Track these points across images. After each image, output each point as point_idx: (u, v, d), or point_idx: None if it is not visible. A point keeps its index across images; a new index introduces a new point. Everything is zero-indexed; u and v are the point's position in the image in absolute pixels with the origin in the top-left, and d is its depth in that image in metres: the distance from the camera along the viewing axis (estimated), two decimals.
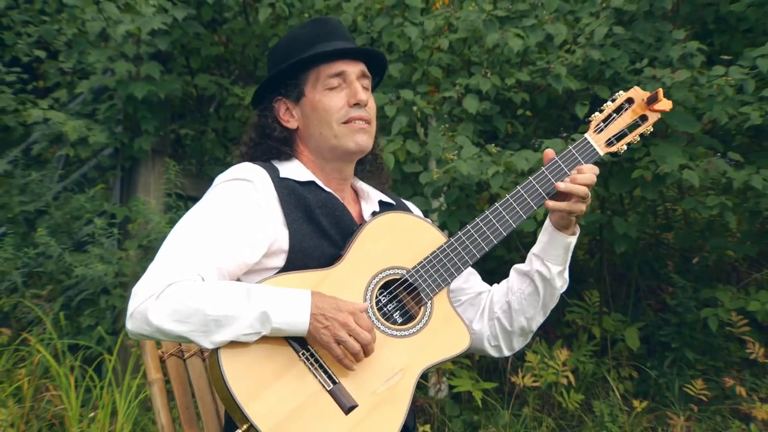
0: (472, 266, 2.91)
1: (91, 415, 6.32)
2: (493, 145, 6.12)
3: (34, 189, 7.68)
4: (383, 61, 3.02)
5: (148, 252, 6.83)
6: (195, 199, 7.20)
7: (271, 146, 2.89)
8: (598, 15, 6.43)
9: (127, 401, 6.24)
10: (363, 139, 2.85)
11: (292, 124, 2.91)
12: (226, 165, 7.14)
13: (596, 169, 2.82)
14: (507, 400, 6.70)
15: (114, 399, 6.27)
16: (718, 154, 6.63)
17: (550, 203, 2.78)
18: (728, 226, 7.10)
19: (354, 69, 2.88)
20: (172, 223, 6.79)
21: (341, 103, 2.84)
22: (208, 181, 7.56)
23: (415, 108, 6.27)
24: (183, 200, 7.25)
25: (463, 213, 6.22)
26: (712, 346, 7.06)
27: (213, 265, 2.61)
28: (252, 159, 2.90)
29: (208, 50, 7.30)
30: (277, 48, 2.98)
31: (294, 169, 2.85)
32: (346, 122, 2.83)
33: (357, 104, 2.84)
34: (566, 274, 2.94)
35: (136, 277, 6.77)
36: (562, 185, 2.77)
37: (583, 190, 2.77)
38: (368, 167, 3.03)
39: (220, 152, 7.58)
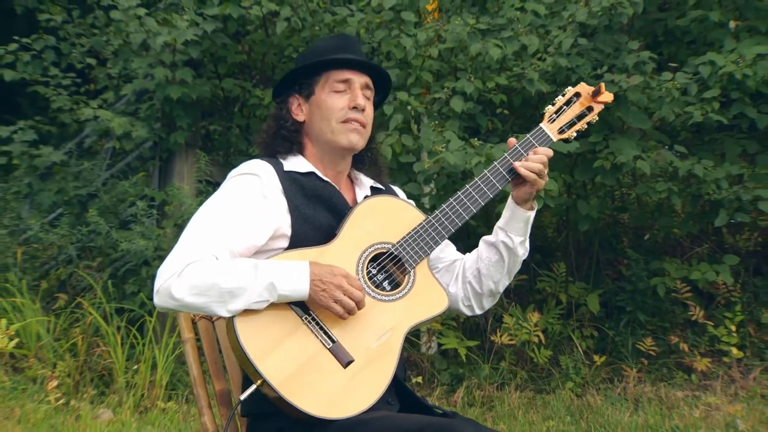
0: (449, 239, 2.91)
1: (135, 367, 6.33)
2: (476, 139, 6.12)
3: (86, 176, 7.67)
4: (387, 80, 2.99)
5: (182, 230, 6.81)
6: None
7: (283, 135, 2.87)
8: (565, 28, 6.41)
9: (165, 356, 6.25)
10: (355, 139, 2.82)
11: (300, 117, 2.88)
12: (249, 156, 7.17)
13: (549, 152, 2.83)
14: (487, 356, 6.70)
15: (154, 354, 6.28)
16: (666, 146, 6.62)
17: (520, 169, 2.78)
18: (674, 207, 7.11)
19: (359, 79, 2.85)
20: (201, 205, 6.78)
21: (342, 105, 2.81)
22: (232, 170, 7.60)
23: (409, 107, 6.27)
24: (212, 186, 7.25)
25: (450, 197, 6.19)
26: (660, 309, 7.07)
27: (225, 247, 2.61)
28: (266, 147, 2.89)
29: (233, 58, 7.29)
30: (304, 53, 2.96)
31: (296, 163, 2.83)
32: (344, 122, 2.80)
33: (355, 108, 2.81)
34: (527, 244, 2.92)
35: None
36: (517, 164, 2.79)
37: (537, 166, 2.77)
38: (367, 162, 3.00)
39: (243, 145, 7.58)
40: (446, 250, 3.02)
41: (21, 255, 7.36)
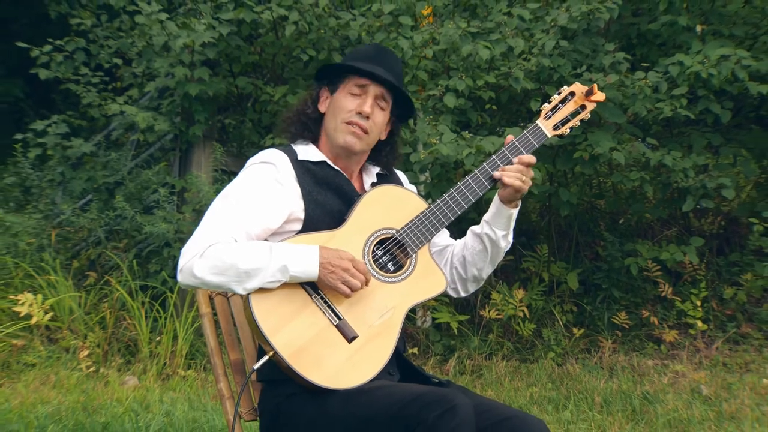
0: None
1: (158, 339, 6.33)
2: (467, 132, 6.10)
3: (113, 165, 7.66)
4: (408, 99, 2.90)
5: (200, 215, 6.74)
6: (236, 174, 7.20)
7: (303, 121, 2.85)
8: (548, 31, 6.37)
9: (184, 329, 6.25)
10: (351, 141, 2.77)
11: (322, 109, 2.86)
12: (261, 147, 7.08)
13: (531, 159, 2.77)
14: (476, 329, 6.70)
15: (175, 327, 6.28)
16: (639, 139, 6.60)
17: (503, 179, 2.74)
18: (646, 194, 7.09)
19: (375, 89, 2.79)
20: (218, 192, 6.72)
21: (351, 107, 2.77)
22: (246, 160, 7.57)
23: None
24: (227, 174, 7.24)
25: (443, 185, 6.21)
26: (633, 286, 7.07)
27: (243, 230, 2.60)
28: (288, 124, 2.88)
29: (246, 58, 7.25)
30: (349, 54, 2.93)
31: (309, 152, 2.81)
32: (348, 123, 2.76)
33: (360, 113, 2.76)
34: (510, 237, 2.89)
35: (191, 234, 6.75)
36: (497, 174, 2.76)
37: (515, 175, 2.74)
38: (383, 162, 2.96)
39: (256, 137, 7.55)
40: (441, 236, 3.00)
41: (55, 237, 7.36)
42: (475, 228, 2.92)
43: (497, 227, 2.85)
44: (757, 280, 6.75)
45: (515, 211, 2.85)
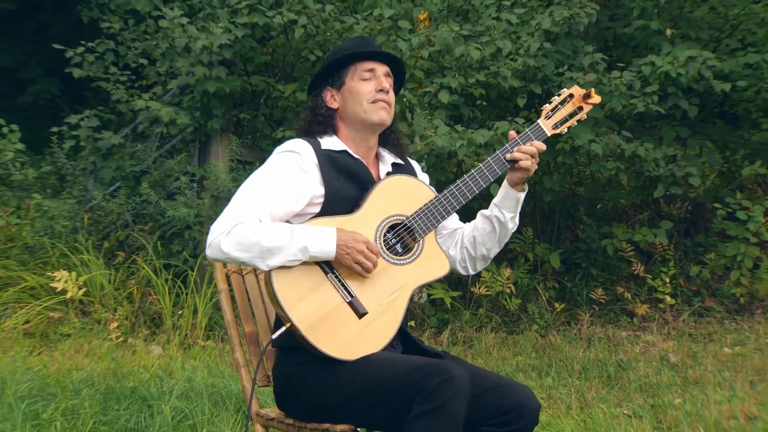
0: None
1: (180, 312, 6.31)
2: (459, 125, 6.09)
3: (139, 156, 7.65)
4: (402, 68, 2.93)
5: (218, 200, 6.79)
6: (251, 164, 7.19)
7: (319, 120, 2.82)
8: (533, 34, 6.34)
9: (204, 303, 6.23)
10: (384, 115, 2.78)
11: (333, 105, 2.82)
12: (273, 139, 7.12)
13: (542, 146, 2.77)
14: (468, 304, 6.68)
15: (195, 301, 6.26)
16: (615, 132, 6.58)
17: (516, 154, 2.73)
18: (621, 182, 7.09)
19: (381, 68, 2.81)
20: (234, 180, 6.76)
21: (370, 89, 2.77)
22: (259, 151, 7.55)
23: (404, 99, 6.23)
24: (242, 164, 7.22)
25: (438, 174, 6.20)
26: (609, 265, 7.06)
27: (267, 211, 2.58)
28: (305, 132, 2.84)
29: (260, 58, 7.20)
30: (331, 54, 2.91)
31: (332, 142, 2.79)
32: (373, 102, 2.76)
33: (381, 90, 2.77)
34: (517, 219, 2.87)
35: (210, 218, 6.74)
36: (509, 156, 2.74)
37: (527, 156, 2.72)
38: (391, 142, 2.93)
39: (268, 130, 7.54)
40: (450, 219, 2.96)
41: (87, 220, 7.36)
42: (484, 211, 2.88)
43: (506, 210, 2.81)
44: (719, 259, 6.74)
45: (522, 195, 2.81)
